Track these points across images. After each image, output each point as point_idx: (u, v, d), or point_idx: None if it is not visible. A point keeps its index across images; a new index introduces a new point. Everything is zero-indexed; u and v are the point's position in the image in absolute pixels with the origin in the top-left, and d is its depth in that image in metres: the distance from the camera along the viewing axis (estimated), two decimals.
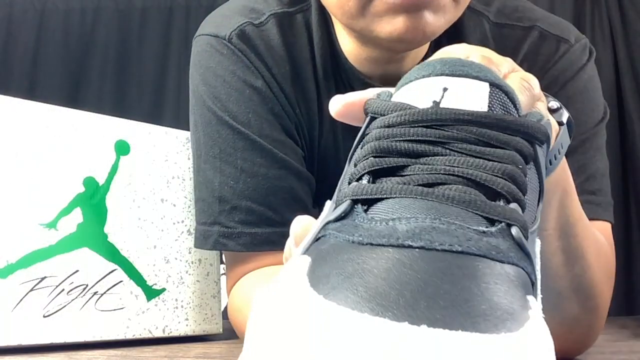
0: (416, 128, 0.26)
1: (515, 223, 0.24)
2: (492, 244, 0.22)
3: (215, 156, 0.61)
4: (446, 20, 0.52)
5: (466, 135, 0.26)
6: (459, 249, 0.22)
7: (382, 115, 0.28)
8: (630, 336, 0.80)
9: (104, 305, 0.67)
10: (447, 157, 0.25)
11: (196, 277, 0.76)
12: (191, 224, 0.76)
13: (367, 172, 0.26)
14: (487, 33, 0.64)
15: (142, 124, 0.74)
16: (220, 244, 0.60)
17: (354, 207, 0.25)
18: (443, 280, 0.20)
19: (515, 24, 0.64)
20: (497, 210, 0.24)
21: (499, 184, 0.25)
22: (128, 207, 0.71)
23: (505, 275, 0.22)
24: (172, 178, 0.75)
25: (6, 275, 0.61)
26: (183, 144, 0.77)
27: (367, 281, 0.20)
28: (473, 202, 0.24)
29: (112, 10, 2.16)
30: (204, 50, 0.63)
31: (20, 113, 0.64)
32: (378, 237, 0.22)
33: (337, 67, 0.63)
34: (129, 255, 0.70)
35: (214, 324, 0.77)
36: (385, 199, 0.25)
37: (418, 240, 0.22)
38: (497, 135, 0.26)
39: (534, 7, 0.68)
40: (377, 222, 0.23)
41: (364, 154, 0.27)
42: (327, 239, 0.25)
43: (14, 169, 0.63)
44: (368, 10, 0.51)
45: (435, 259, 0.21)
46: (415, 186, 0.24)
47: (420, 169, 0.25)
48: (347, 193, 0.26)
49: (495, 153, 0.25)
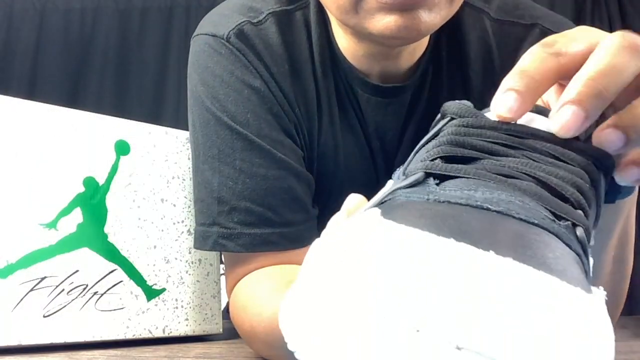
0: (493, 132, 0.27)
1: (581, 225, 0.24)
2: (563, 230, 0.23)
3: (214, 157, 0.60)
4: (441, 16, 0.52)
5: (539, 147, 0.26)
6: (534, 221, 0.22)
7: (460, 117, 0.29)
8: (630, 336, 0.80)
9: (104, 305, 0.67)
10: (519, 159, 0.26)
11: (196, 277, 0.76)
12: (191, 224, 0.76)
13: (440, 157, 0.27)
14: (488, 29, 0.64)
15: (142, 124, 0.74)
16: (220, 245, 0.60)
17: (427, 179, 0.25)
18: (520, 241, 0.20)
19: (516, 21, 0.64)
20: (565, 209, 0.24)
21: (568, 190, 0.25)
22: (128, 207, 0.71)
23: (573, 257, 0.22)
24: (172, 178, 0.75)
25: (6, 275, 0.61)
26: (183, 144, 0.77)
27: (448, 223, 0.20)
28: (544, 197, 0.24)
29: (112, 10, 2.16)
30: (202, 50, 0.63)
31: (21, 113, 0.64)
32: (455, 198, 0.22)
33: (335, 65, 0.63)
34: (129, 255, 0.70)
35: (214, 324, 0.77)
36: (457, 177, 0.25)
37: (496, 206, 0.22)
38: (568, 153, 0.27)
39: (535, 5, 0.67)
40: (452, 190, 0.23)
41: (438, 144, 0.28)
42: (398, 198, 0.24)
43: (13, 169, 0.63)
44: (361, 6, 0.51)
45: (513, 223, 0.21)
46: (488, 172, 0.25)
47: (492, 163, 0.26)
48: (419, 167, 0.26)
49: (565, 167, 0.26)
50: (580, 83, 0.28)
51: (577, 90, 0.27)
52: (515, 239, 0.20)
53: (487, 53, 0.64)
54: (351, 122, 0.65)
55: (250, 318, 0.57)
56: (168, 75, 2.10)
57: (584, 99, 0.27)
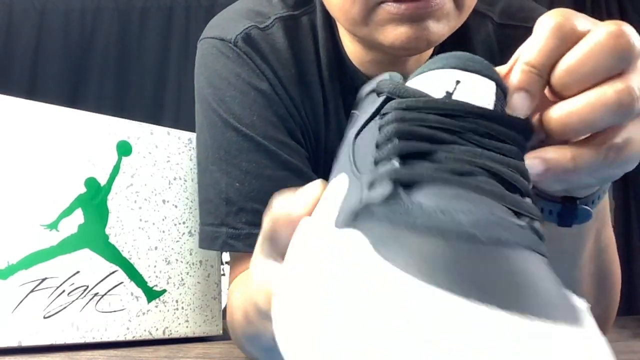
0: (434, 115, 0.28)
1: (537, 218, 0.26)
2: (530, 236, 0.24)
3: (221, 158, 0.61)
4: (450, 27, 0.53)
5: (476, 127, 0.28)
6: (515, 242, 0.23)
7: (398, 97, 0.30)
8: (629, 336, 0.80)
9: (104, 306, 0.67)
10: (465, 147, 0.27)
11: (197, 279, 0.76)
12: (192, 226, 0.76)
13: (397, 155, 0.28)
14: (491, 34, 0.64)
15: (144, 124, 0.74)
16: (229, 245, 0.61)
17: (396, 189, 0.26)
18: (513, 284, 0.21)
19: (519, 24, 0.65)
20: (523, 206, 0.26)
21: (518, 180, 0.27)
22: (129, 208, 0.71)
23: (545, 264, 0.23)
24: (173, 179, 0.75)
25: (7, 276, 0.61)
26: (185, 144, 0.77)
27: (450, 270, 0.21)
28: (505, 197, 0.26)
29: (112, 10, 2.16)
30: (209, 53, 0.64)
31: (22, 113, 0.64)
32: (444, 223, 0.23)
33: (341, 70, 0.64)
34: (130, 256, 0.70)
35: (214, 325, 0.77)
36: (422, 182, 0.26)
37: (483, 231, 0.23)
38: (504, 132, 0.29)
39: (539, 7, 0.67)
40: (430, 208, 0.24)
41: (388, 136, 0.29)
42: (376, 217, 0.25)
43: (15, 170, 0.63)
44: (371, 18, 0.51)
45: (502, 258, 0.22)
46: (448, 174, 0.26)
47: (445, 157, 0.27)
48: (383, 174, 0.26)
49: (505, 149, 0.28)
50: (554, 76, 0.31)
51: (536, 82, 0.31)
52: (508, 282, 0.21)
53: (490, 57, 0.64)
54: None
55: (241, 319, 0.57)
56: (168, 75, 2.10)
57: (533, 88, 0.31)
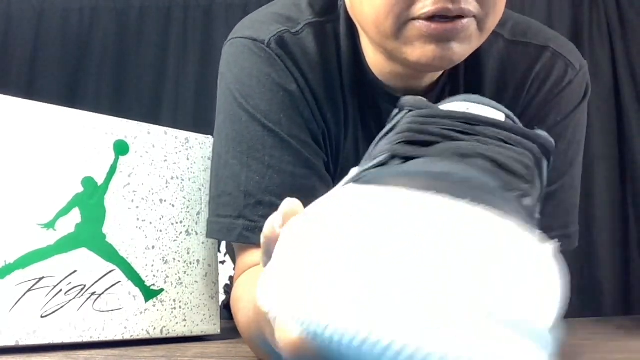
0: (447, 120, 0.31)
1: (529, 195, 0.28)
2: (513, 198, 0.27)
3: (243, 152, 0.63)
4: (471, 47, 0.56)
5: (489, 133, 0.30)
6: (489, 187, 0.26)
7: (417, 109, 0.33)
8: (626, 336, 0.80)
9: (101, 305, 0.67)
10: (472, 143, 0.30)
11: (194, 278, 0.76)
12: (189, 225, 0.76)
13: (402, 142, 0.30)
14: (503, 51, 0.67)
15: (142, 123, 0.74)
16: (244, 237, 0.62)
17: (391, 160, 0.29)
18: (474, 196, 0.24)
19: (529, 41, 0.68)
20: (515, 183, 0.28)
21: (516, 167, 0.29)
22: (127, 207, 0.71)
23: (522, 218, 0.26)
24: (171, 178, 0.75)
25: (4, 275, 0.61)
26: (182, 144, 0.77)
27: (411, 185, 0.24)
28: (496, 172, 0.28)
29: (110, 9, 2.16)
30: (240, 52, 0.65)
31: (19, 112, 0.64)
32: (418, 173, 0.26)
33: (362, 78, 0.66)
34: (128, 255, 0.70)
35: (212, 324, 0.77)
36: (420, 157, 0.29)
37: (454, 177, 0.25)
38: (514, 137, 0.31)
39: (545, 27, 0.71)
40: (414, 166, 0.27)
41: (399, 131, 0.31)
42: (364, 176, 0.28)
43: (12, 169, 0.63)
44: (402, 33, 0.54)
45: (469, 187, 0.25)
46: (447, 152, 0.29)
47: (449, 145, 0.29)
48: (383, 150, 0.30)
49: (512, 149, 0.30)
50: None
51: None
52: (470, 193, 0.23)
53: (501, 72, 0.68)
54: (373, 133, 0.67)
55: (246, 307, 0.58)
56: (166, 75, 2.09)
57: None
